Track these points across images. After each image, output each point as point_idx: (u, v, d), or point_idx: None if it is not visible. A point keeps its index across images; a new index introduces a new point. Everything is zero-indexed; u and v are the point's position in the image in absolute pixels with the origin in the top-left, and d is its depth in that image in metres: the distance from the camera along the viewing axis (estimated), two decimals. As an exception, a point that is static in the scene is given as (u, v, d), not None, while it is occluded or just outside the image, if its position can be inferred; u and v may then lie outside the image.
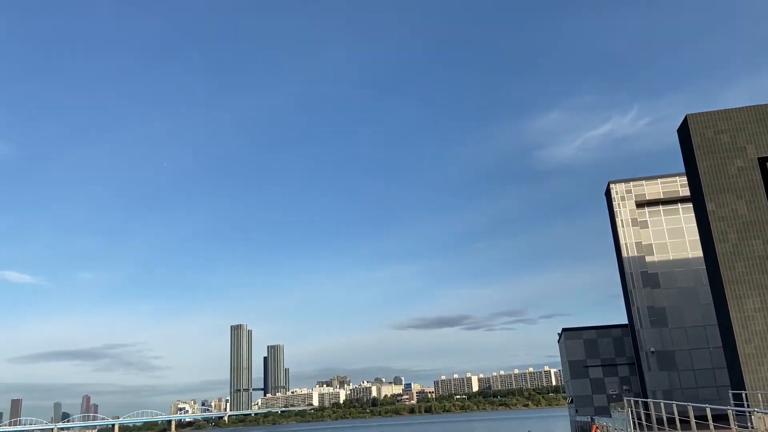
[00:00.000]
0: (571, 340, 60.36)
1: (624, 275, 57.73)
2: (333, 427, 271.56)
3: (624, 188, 59.05)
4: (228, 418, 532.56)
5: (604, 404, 53.94)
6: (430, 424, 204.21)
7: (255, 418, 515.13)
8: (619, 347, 59.59)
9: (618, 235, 58.22)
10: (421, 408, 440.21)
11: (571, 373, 59.36)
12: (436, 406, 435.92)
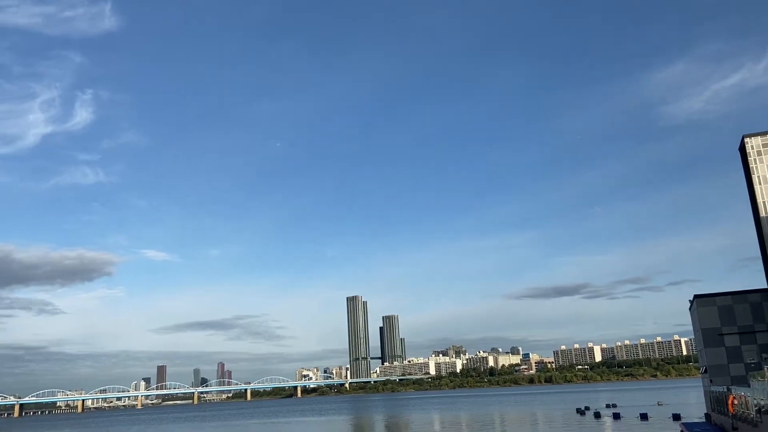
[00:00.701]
0: (704, 307, 56.74)
1: (762, 236, 53.26)
2: (452, 395, 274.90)
3: (761, 142, 54.07)
4: (349, 385, 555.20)
5: (742, 374, 50.55)
6: (553, 393, 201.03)
7: (374, 385, 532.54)
8: (757, 313, 55.22)
9: (755, 193, 53.62)
10: (540, 378, 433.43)
11: (704, 341, 55.99)
12: (557, 376, 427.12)
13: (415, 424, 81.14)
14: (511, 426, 71.49)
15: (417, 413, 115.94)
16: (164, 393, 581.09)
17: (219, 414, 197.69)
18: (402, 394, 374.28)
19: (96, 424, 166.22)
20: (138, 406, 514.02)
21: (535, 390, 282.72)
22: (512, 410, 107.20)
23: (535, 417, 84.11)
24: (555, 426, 65.33)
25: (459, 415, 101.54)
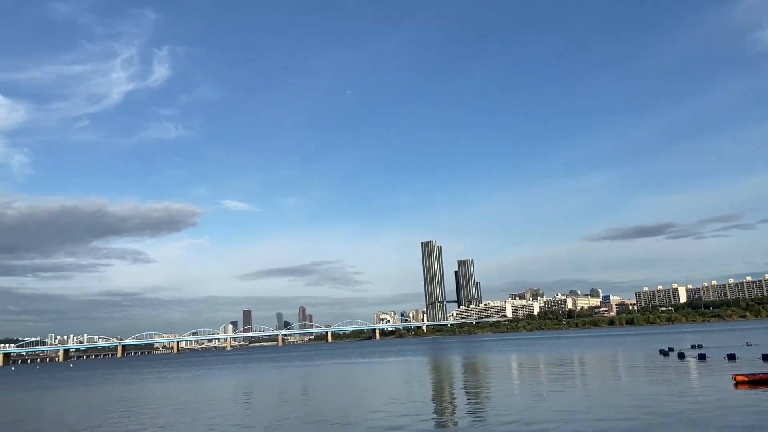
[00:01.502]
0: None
1: None
2: (529, 337, 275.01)
3: None
4: (426, 327, 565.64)
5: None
6: (634, 335, 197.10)
7: (451, 328, 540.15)
8: None
9: None
10: (621, 320, 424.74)
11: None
12: (639, 318, 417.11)
13: (492, 365, 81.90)
14: (590, 367, 70.84)
15: (494, 354, 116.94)
16: (251, 335, 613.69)
17: (303, 354, 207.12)
18: (478, 336, 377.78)
19: (194, 363, 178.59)
20: (227, 347, 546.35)
21: (616, 332, 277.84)
22: (591, 351, 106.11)
23: (615, 358, 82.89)
24: (637, 367, 64.16)
25: (537, 356, 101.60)
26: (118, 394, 70.42)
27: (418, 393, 48.99)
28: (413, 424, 30.02)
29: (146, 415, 43.55)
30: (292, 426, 32.32)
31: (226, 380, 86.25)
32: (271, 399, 52.85)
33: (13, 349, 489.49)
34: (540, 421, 27.81)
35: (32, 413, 52.39)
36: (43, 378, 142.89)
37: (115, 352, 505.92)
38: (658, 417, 27.71)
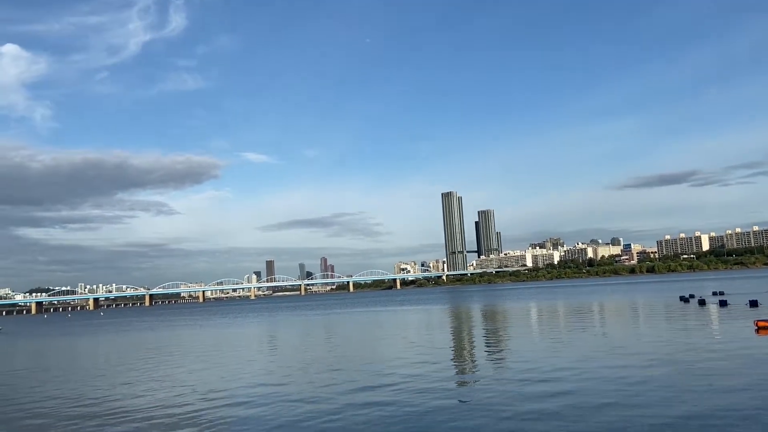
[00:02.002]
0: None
1: None
2: (549, 286, 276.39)
3: None
4: (446, 277, 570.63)
5: None
6: (655, 283, 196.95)
7: (471, 278, 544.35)
8: None
9: None
10: (642, 268, 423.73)
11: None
12: (660, 266, 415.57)
13: (512, 313, 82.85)
14: (609, 313, 71.34)
15: (514, 302, 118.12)
16: (274, 285, 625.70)
17: (325, 303, 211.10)
18: (498, 286, 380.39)
19: (219, 311, 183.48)
20: (251, 296, 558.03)
21: (636, 280, 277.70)
22: (611, 299, 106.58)
23: (635, 305, 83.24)
24: (656, 313, 64.47)
25: (556, 303, 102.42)
26: (149, 339, 73.01)
27: (439, 340, 49.99)
28: (433, 371, 30.80)
29: (175, 359, 45.22)
30: (314, 371, 33.38)
31: (251, 327, 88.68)
32: (295, 345, 54.39)
33: (45, 298, 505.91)
34: (559, 367, 28.36)
35: (68, 357, 54.68)
36: (76, 325, 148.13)
37: (143, 301, 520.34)
38: (678, 363, 28.08)
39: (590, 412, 18.04)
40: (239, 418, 20.89)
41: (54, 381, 35.55)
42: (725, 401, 18.91)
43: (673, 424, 16.35)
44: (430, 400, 21.67)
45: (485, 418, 18.26)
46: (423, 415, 19.33)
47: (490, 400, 21.30)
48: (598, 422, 16.75)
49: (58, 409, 25.15)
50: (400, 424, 18.28)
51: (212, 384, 29.87)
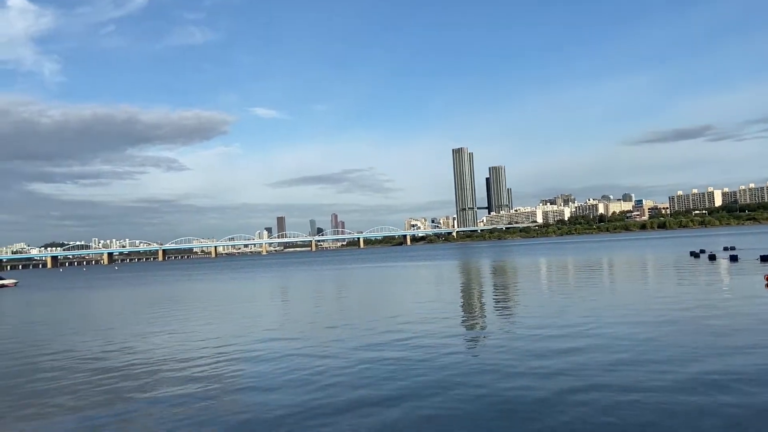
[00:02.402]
0: None
1: None
2: (559, 242, 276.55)
3: None
4: (456, 233, 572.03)
5: None
6: (666, 238, 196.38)
7: (481, 234, 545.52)
8: None
9: None
10: (653, 224, 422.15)
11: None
12: (671, 221, 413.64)
13: (521, 268, 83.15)
14: (618, 268, 71.43)
15: (523, 258, 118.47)
16: (285, 241, 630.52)
17: (336, 258, 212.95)
18: (508, 242, 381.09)
19: (232, 266, 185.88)
20: (263, 252, 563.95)
21: (647, 235, 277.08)
22: (620, 254, 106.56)
23: (644, 260, 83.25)
24: (665, 268, 64.46)
25: (566, 259, 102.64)
26: (163, 293, 74.24)
27: (449, 295, 50.42)
28: (444, 326, 31.08)
29: (189, 312, 46.01)
30: (325, 325, 33.83)
31: (264, 282, 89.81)
32: (306, 300, 55.10)
33: (60, 252, 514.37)
34: (568, 323, 28.48)
35: (84, 310, 55.80)
36: (91, 279, 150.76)
37: (156, 255, 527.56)
38: (687, 318, 28.12)
39: (600, 369, 18.15)
40: (251, 371, 21.27)
41: (70, 333, 36.35)
42: (735, 358, 18.96)
43: (682, 381, 16.45)
44: (440, 355, 21.90)
45: (495, 374, 18.45)
46: (434, 370, 19.56)
47: (501, 355, 21.50)
48: (609, 379, 16.86)
49: (74, 361, 25.75)
50: (411, 378, 18.50)
51: (225, 337, 30.40)
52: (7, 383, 21.74)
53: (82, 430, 15.15)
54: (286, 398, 16.68)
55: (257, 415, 15.21)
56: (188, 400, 17.30)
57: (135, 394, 18.40)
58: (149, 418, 15.68)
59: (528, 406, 14.79)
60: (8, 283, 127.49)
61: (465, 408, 14.86)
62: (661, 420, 12.92)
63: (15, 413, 17.31)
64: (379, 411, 14.91)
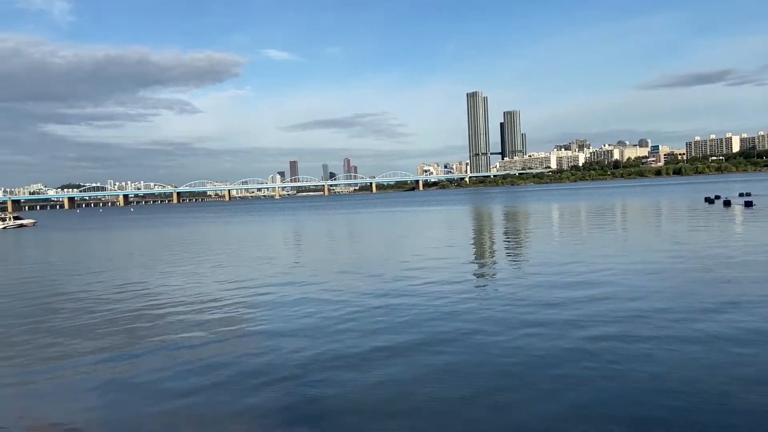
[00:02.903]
0: None
1: None
2: (573, 187, 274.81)
3: None
4: (469, 179, 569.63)
5: None
6: (681, 184, 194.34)
7: (494, 179, 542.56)
8: None
9: None
10: (669, 170, 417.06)
11: None
12: (687, 168, 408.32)
13: (533, 213, 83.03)
14: (631, 214, 71.08)
15: (535, 203, 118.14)
16: (297, 185, 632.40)
17: (348, 203, 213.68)
18: (521, 187, 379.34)
19: (246, 210, 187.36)
20: (276, 196, 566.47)
21: (662, 181, 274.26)
22: (634, 200, 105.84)
23: (658, 205, 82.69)
24: (679, 214, 64.05)
25: (578, 204, 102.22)
26: (179, 234, 75.24)
27: (460, 239, 50.63)
28: (455, 269, 31.29)
29: (204, 254, 46.67)
30: (337, 268, 34.21)
31: (277, 225, 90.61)
32: (319, 243, 55.64)
33: (77, 194, 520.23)
34: (579, 271, 28.51)
35: (100, 250, 56.76)
36: (108, 220, 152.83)
37: (171, 198, 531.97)
38: (696, 261, 28.09)
39: (612, 317, 18.19)
40: (264, 315, 21.52)
41: (87, 273, 37.09)
42: (746, 306, 19.00)
43: (693, 330, 16.53)
44: (453, 302, 22.04)
45: (509, 321, 18.57)
46: (445, 313, 19.78)
47: (513, 296, 21.66)
48: (621, 327, 16.91)
49: (90, 302, 26.36)
50: (424, 324, 18.66)
51: (238, 280, 30.88)
52: (27, 321, 22.39)
53: (98, 370, 15.65)
54: (299, 343, 16.83)
55: (270, 359, 15.43)
56: (201, 342, 17.66)
57: (149, 335, 18.84)
58: (163, 358, 16.09)
59: (542, 353, 14.98)
60: (27, 223, 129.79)
61: (479, 355, 15.02)
62: (673, 370, 12.98)
63: (35, 353, 17.89)
64: (391, 357, 15.04)
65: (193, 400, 11.90)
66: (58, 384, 14.00)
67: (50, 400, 12.91)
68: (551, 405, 11.20)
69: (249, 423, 10.46)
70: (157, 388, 13.16)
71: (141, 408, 11.87)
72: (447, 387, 12.06)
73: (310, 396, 11.96)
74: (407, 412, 10.80)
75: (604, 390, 11.92)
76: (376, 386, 12.74)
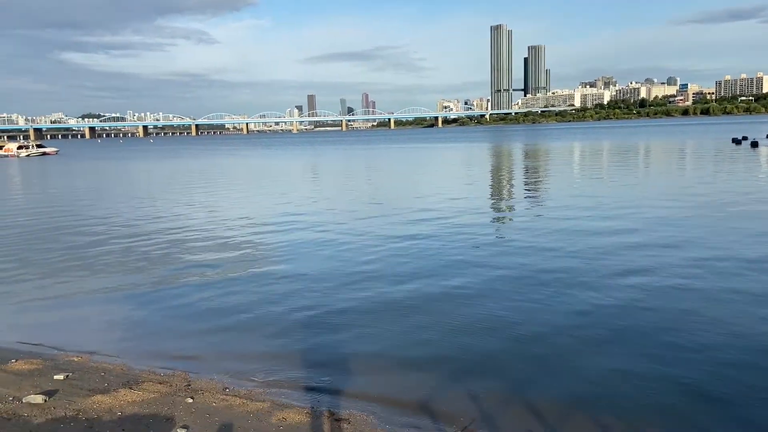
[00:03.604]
0: None
1: None
2: (596, 126, 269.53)
3: None
4: (489, 116, 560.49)
5: None
6: (708, 125, 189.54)
7: (515, 117, 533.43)
8: None
9: None
10: (696, 110, 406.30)
11: None
12: (715, 108, 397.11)
13: (553, 152, 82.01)
14: (655, 154, 69.90)
15: (557, 142, 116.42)
16: (315, 120, 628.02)
17: (366, 138, 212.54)
18: (542, 126, 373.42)
19: (264, 143, 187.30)
20: (293, 130, 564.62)
21: (689, 121, 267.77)
22: (658, 140, 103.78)
23: (683, 146, 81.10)
24: (704, 154, 62.85)
25: (601, 143, 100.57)
26: (198, 165, 75.78)
27: (478, 176, 50.41)
28: (473, 207, 31.32)
29: (223, 184, 47.15)
30: (354, 203, 34.42)
31: (295, 159, 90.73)
32: (337, 177, 55.80)
33: (97, 124, 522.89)
34: (598, 207, 28.28)
35: (121, 180, 57.48)
36: (128, 150, 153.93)
37: (189, 130, 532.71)
38: (721, 205, 27.73)
39: (628, 253, 18.17)
40: (281, 245, 21.68)
41: (109, 200, 37.79)
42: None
43: (713, 267, 16.51)
44: (472, 235, 22.18)
45: (525, 256, 18.71)
46: (466, 249, 19.90)
47: (528, 236, 21.64)
48: (636, 263, 16.94)
49: (113, 226, 26.95)
50: (443, 256, 18.78)
51: (256, 211, 31.27)
52: (51, 247, 23.05)
53: (119, 288, 16.20)
54: (316, 273, 16.88)
55: (286, 287, 15.55)
56: (217, 270, 17.89)
57: (168, 261, 19.23)
58: (178, 294, 16.47)
59: (561, 281, 15.17)
60: (50, 152, 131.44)
61: (499, 286, 15.20)
62: (696, 306, 12.96)
63: (58, 275, 18.51)
64: (411, 287, 15.22)
65: (211, 339, 11.97)
66: (78, 316, 14.35)
67: (73, 330, 13.30)
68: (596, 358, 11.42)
69: (265, 361, 10.66)
70: (175, 323, 13.28)
71: (158, 344, 12.06)
72: (473, 338, 11.95)
73: (329, 340, 11.67)
74: (436, 359, 10.59)
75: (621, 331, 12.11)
76: (395, 325, 13.05)
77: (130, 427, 7.82)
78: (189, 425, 7.89)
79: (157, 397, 8.84)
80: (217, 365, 10.47)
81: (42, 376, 9.82)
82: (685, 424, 8.00)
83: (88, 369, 10.31)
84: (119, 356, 11.09)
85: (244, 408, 8.51)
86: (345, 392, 9.24)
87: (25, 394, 8.87)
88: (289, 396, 9.09)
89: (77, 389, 9.22)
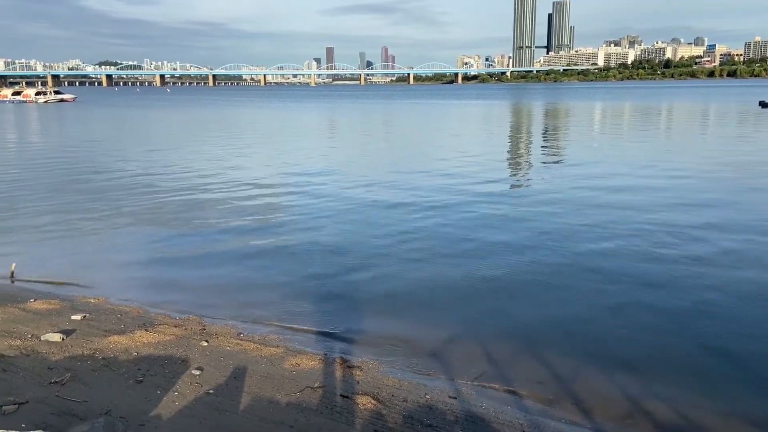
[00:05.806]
0: None
1: None
2: (619, 86, 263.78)
3: None
4: (510, 74, 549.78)
5: None
6: (735, 87, 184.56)
7: (536, 75, 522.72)
8: None
9: None
10: (722, 72, 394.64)
11: None
12: (743, 70, 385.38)
13: (574, 110, 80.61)
14: (678, 115, 68.41)
15: (578, 101, 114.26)
16: (333, 73, 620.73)
17: (385, 93, 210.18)
18: (564, 84, 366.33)
19: (282, 96, 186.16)
20: (311, 83, 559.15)
21: (715, 83, 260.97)
22: (682, 102, 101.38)
23: (707, 108, 79.20)
24: (728, 118, 61.38)
25: (623, 104, 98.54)
26: (215, 116, 75.65)
27: (495, 133, 49.80)
28: (490, 165, 31.03)
29: (239, 137, 47.08)
30: (370, 159, 34.27)
31: (312, 112, 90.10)
32: (353, 132, 55.44)
33: (114, 71, 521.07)
34: (615, 177, 27.66)
35: (139, 128, 57.60)
36: (146, 99, 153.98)
37: (206, 80, 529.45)
38: (743, 170, 27.14)
39: (644, 217, 17.88)
40: (297, 203, 21.33)
41: (126, 150, 38.01)
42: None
43: (731, 229, 16.24)
44: (487, 193, 22.02)
45: (540, 222, 18.51)
46: (486, 205, 19.77)
47: (546, 199, 21.29)
48: (653, 226, 16.68)
49: (127, 178, 27.08)
50: (459, 214, 18.65)
51: (272, 166, 31.25)
52: (72, 198, 23.24)
53: (137, 235, 16.35)
54: (332, 234, 16.32)
55: (304, 247, 15.00)
56: (236, 227, 17.65)
57: (185, 214, 19.14)
58: (196, 235, 16.60)
59: (573, 235, 15.05)
60: (68, 98, 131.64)
61: (514, 239, 15.19)
62: (712, 272, 12.84)
63: (81, 224, 18.70)
64: (425, 246, 15.09)
65: (227, 287, 11.97)
66: (96, 259, 14.53)
67: (89, 272, 13.58)
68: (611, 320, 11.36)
69: (280, 309, 10.72)
70: (191, 272, 13.39)
71: (173, 290, 12.18)
72: (490, 291, 11.89)
73: (343, 289, 11.65)
74: (450, 309, 10.68)
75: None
76: (411, 274, 13.05)
77: (146, 367, 7.93)
78: (203, 367, 7.98)
79: (172, 340, 8.94)
80: (231, 312, 10.56)
81: (60, 315, 9.97)
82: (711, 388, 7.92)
83: (104, 310, 10.45)
84: (136, 300, 11.23)
85: (258, 353, 8.59)
86: (358, 340, 9.32)
87: (44, 332, 9.01)
88: (302, 342, 9.17)
89: (94, 329, 9.35)
